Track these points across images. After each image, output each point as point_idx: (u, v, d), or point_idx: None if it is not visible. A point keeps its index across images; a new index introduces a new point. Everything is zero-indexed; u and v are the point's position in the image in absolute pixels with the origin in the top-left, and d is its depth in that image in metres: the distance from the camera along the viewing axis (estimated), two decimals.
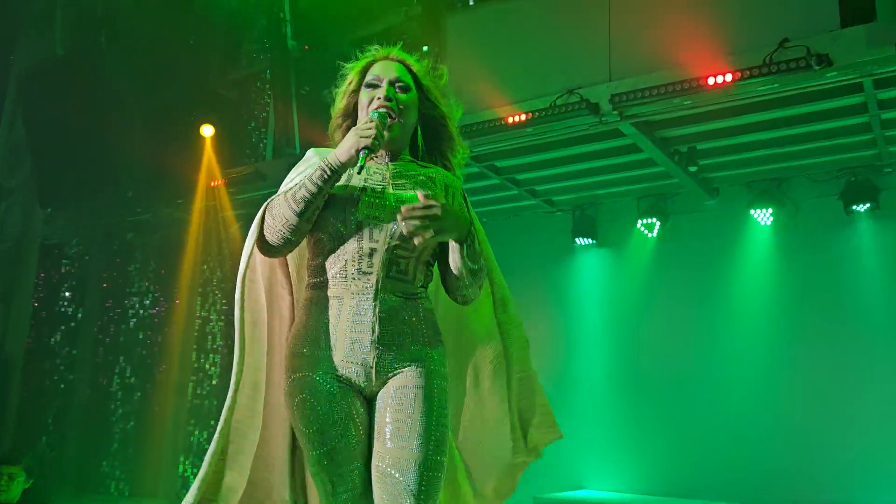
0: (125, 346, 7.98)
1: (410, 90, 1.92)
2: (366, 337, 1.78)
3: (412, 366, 1.80)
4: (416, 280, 1.85)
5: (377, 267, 1.79)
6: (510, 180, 6.08)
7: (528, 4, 5.28)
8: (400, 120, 1.89)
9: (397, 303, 1.81)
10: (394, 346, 1.80)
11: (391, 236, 1.79)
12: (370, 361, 1.78)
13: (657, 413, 5.96)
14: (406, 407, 1.76)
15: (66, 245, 8.24)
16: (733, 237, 5.97)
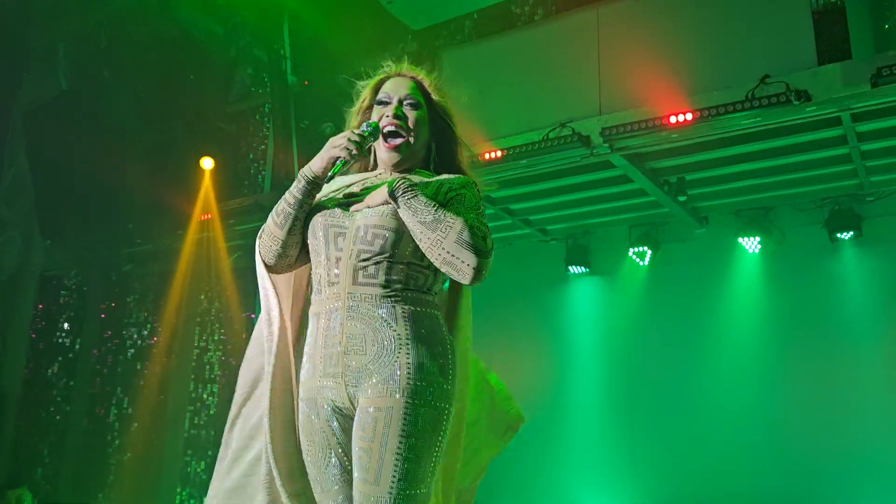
0: (123, 376, 8.01)
1: (421, 107, 1.89)
2: (335, 350, 1.70)
3: (381, 381, 1.64)
4: (390, 282, 1.70)
5: (343, 275, 1.72)
6: (505, 210, 6.24)
7: (521, 42, 5.50)
8: (409, 138, 1.86)
9: (367, 309, 1.69)
10: (362, 358, 1.67)
11: (354, 241, 1.72)
12: (340, 376, 1.69)
13: (650, 435, 6.05)
14: (368, 432, 1.62)
15: (65, 276, 8.31)
16: (722, 264, 6.13)
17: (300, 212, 1.79)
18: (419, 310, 1.71)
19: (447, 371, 1.70)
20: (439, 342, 1.71)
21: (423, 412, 1.62)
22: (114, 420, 7.80)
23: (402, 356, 1.65)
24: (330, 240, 1.75)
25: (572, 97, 5.12)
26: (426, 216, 1.64)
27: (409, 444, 1.59)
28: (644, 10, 5.15)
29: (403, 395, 1.62)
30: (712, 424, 5.79)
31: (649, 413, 6.12)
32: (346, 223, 1.75)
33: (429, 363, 1.66)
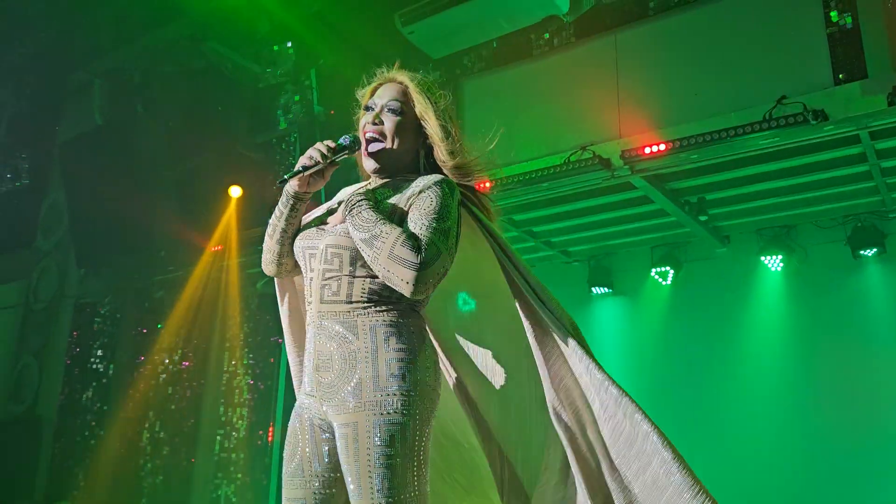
0: (154, 400, 8.14)
1: (402, 113, 1.86)
2: (310, 368, 1.77)
3: (345, 397, 1.68)
4: (352, 297, 1.73)
5: (314, 295, 1.77)
6: (527, 233, 6.32)
7: (540, 69, 5.63)
8: (387, 144, 1.85)
9: (331, 326, 1.73)
10: (329, 374, 1.72)
11: (321, 261, 1.77)
12: (315, 392, 1.76)
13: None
14: (343, 451, 1.66)
15: (98, 303, 8.50)
16: (745, 283, 6.15)
17: (285, 224, 1.86)
18: (381, 320, 1.71)
19: (412, 377, 1.67)
20: (403, 349, 1.69)
21: (387, 422, 1.62)
22: (146, 444, 7.92)
23: (360, 370, 1.67)
24: (306, 261, 1.82)
25: (592, 121, 5.22)
26: (364, 233, 1.65)
27: (378, 455, 1.60)
28: (661, 35, 5.26)
29: (364, 409, 1.63)
30: (739, 443, 5.77)
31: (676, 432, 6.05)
32: (318, 244, 1.79)
33: (387, 373, 1.65)
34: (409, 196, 1.77)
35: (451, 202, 1.76)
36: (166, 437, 7.95)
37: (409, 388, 1.66)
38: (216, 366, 7.89)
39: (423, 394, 1.68)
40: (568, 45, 5.64)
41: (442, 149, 1.87)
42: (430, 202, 1.72)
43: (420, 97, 1.87)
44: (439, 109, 1.88)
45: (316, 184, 1.87)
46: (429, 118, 1.86)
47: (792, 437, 5.63)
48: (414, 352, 1.71)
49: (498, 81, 5.89)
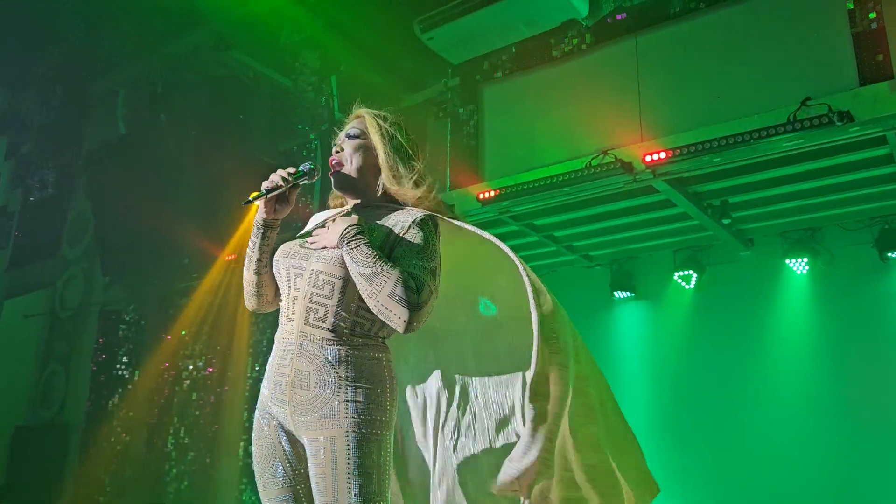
0: (179, 406, 8.22)
1: (358, 137, 2.02)
2: (285, 380, 1.85)
3: (324, 416, 1.78)
4: (336, 327, 1.83)
5: (298, 314, 1.86)
6: (548, 237, 6.31)
7: (560, 73, 5.62)
8: (347, 165, 2.01)
9: (314, 350, 1.83)
10: (306, 392, 1.81)
11: (308, 283, 1.86)
12: (287, 404, 1.84)
13: (702, 459, 5.98)
14: (320, 459, 1.77)
15: (123, 310, 8.61)
16: (770, 287, 6.08)
17: (259, 253, 1.98)
18: (361, 354, 1.84)
19: (383, 406, 1.83)
20: (378, 383, 1.83)
21: (364, 438, 1.77)
22: (171, 449, 8.00)
23: (341, 394, 1.79)
24: (291, 279, 1.90)
25: (614, 125, 5.20)
26: (365, 268, 1.76)
27: (357, 464, 1.74)
28: (682, 37, 5.22)
29: (344, 427, 1.77)
30: (765, 447, 5.71)
31: (700, 437, 6.06)
32: (304, 264, 1.89)
33: (365, 401, 1.79)
34: (393, 229, 1.90)
35: (436, 241, 1.90)
36: (191, 442, 8.02)
37: (381, 414, 1.81)
38: (239, 371, 7.95)
39: (390, 421, 1.84)
40: (588, 48, 5.62)
41: (385, 173, 2.01)
42: (418, 241, 1.86)
43: (374, 124, 2.03)
44: (389, 138, 2.02)
45: (282, 210, 1.99)
46: (377, 143, 2.01)
47: (818, 443, 5.55)
48: (383, 383, 1.85)
49: (518, 86, 5.89)
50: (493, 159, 5.90)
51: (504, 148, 5.86)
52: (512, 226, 5.90)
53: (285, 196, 1.98)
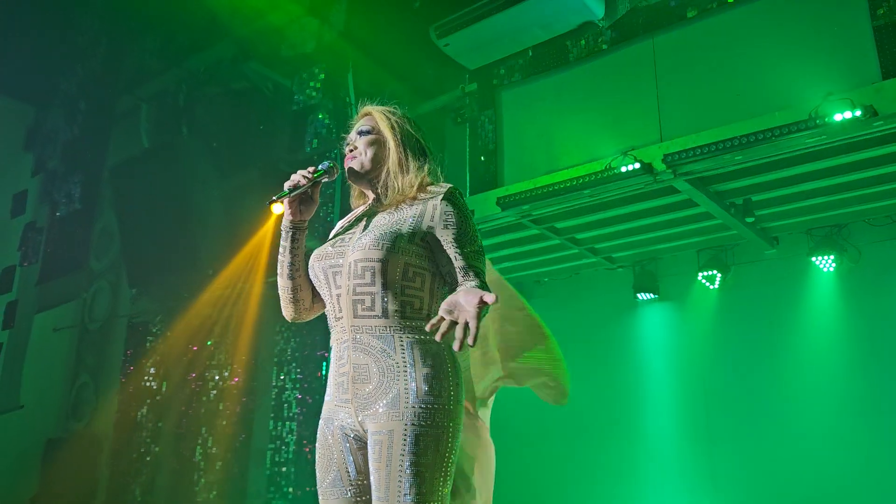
0: (206, 416, 8.29)
1: (368, 132, 2.02)
2: (345, 379, 1.84)
3: (385, 407, 1.76)
4: (387, 312, 1.81)
5: (345, 310, 1.85)
6: (570, 240, 6.28)
7: (578, 75, 5.61)
8: (361, 158, 1.99)
9: (368, 340, 1.82)
10: (367, 386, 1.80)
11: (349, 276, 1.84)
12: (350, 402, 1.82)
13: (731, 462, 5.92)
14: (376, 455, 1.74)
15: (150, 322, 8.71)
16: (796, 285, 6.00)
17: (291, 257, 1.97)
18: (415, 337, 1.81)
19: (446, 392, 1.77)
20: (438, 366, 1.79)
21: (423, 433, 1.72)
22: (200, 459, 8.08)
23: (401, 383, 1.76)
24: (330, 279, 1.89)
25: (632, 125, 5.18)
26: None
27: (412, 462, 1.69)
28: (700, 36, 5.19)
29: (403, 419, 1.72)
30: (794, 449, 5.63)
31: (729, 439, 5.99)
32: (341, 261, 1.88)
33: (427, 388, 1.75)
34: (423, 216, 1.87)
35: (467, 211, 1.90)
36: (219, 452, 8.09)
37: (446, 403, 1.76)
38: (265, 381, 8.01)
39: (457, 410, 1.79)
40: (604, 50, 5.60)
41: (394, 165, 1.99)
42: (454, 226, 1.85)
43: (383, 118, 2.03)
44: (399, 129, 2.02)
45: (308, 210, 1.99)
46: (388, 136, 2.01)
47: (848, 444, 5.45)
48: (446, 367, 1.80)
49: (535, 90, 5.89)
50: (513, 163, 5.90)
51: (523, 151, 5.86)
52: (533, 229, 5.89)
53: (308, 195, 1.99)
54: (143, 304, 8.73)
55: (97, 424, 8.70)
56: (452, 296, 1.62)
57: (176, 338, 8.77)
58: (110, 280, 8.96)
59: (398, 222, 1.86)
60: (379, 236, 1.83)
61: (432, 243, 1.86)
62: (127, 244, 8.35)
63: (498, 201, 5.42)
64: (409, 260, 1.83)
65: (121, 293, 8.89)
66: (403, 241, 1.83)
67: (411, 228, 1.85)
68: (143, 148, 8.44)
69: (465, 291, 1.62)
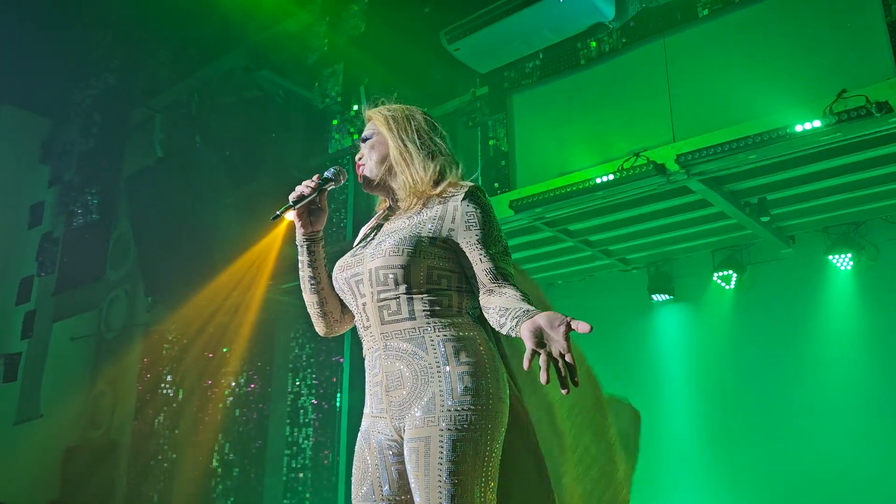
0: (223, 423, 8.34)
1: (372, 136, 1.97)
2: (379, 388, 1.79)
3: (420, 413, 1.69)
4: (413, 314, 1.75)
5: (372, 318, 1.80)
6: (583, 242, 6.26)
7: (589, 77, 5.60)
8: (368, 165, 1.94)
9: (398, 345, 1.76)
10: (401, 392, 1.74)
11: (371, 283, 1.79)
12: (386, 412, 1.77)
13: (750, 463, 5.86)
14: (413, 463, 1.67)
15: (166, 330, 8.77)
16: (813, 284, 5.95)
17: (311, 271, 1.93)
18: (447, 334, 1.73)
19: (485, 390, 1.68)
20: (473, 363, 1.70)
21: (460, 437, 1.64)
22: (217, 466, 8.11)
23: (433, 385, 1.69)
24: (354, 288, 1.84)
25: (644, 126, 5.16)
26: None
27: (449, 470, 1.61)
28: (711, 35, 5.17)
29: (438, 424, 1.65)
30: (814, 449, 5.56)
31: (747, 440, 5.94)
32: (361, 269, 1.83)
33: (463, 387, 1.67)
34: (442, 216, 1.81)
35: (490, 211, 1.83)
36: (236, 458, 8.12)
37: (482, 403, 1.67)
38: (280, 387, 8.03)
39: (495, 408, 1.69)
40: (615, 51, 5.59)
41: (396, 159, 1.92)
42: (476, 227, 1.78)
43: (380, 117, 1.97)
44: (394, 122, 1.95)
45: (318, 220, 1.94)
46: (386, 134, 1.95)
47: (869, 443, 5.39)
48: (483, 364, 1.72)
49: (546, 92, 5.88)
50: (525, 166, 5.89)
51: (535, 154, 5.85)
52: (546, 232, 5.88)
53: (317, 204, 1.94)
54: (159, 313, 8.79)
55: (115, 432, 8.77)
56: (534, 321, 1.52)
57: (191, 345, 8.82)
58: (126, 289, 9.03)
59: (418, 225, 1.81)
60: (399, 241, 1.78)
61: (454, 246, 1.79)
62: (142, 253, 8.41)
63: (511, 204, 5.41)
64: (432, 263, 1.77)
65: (137, 302, 8.95)
66: (424, 244, 1.77)
67: (432, 231, 1.79)
68: (157, 158, 8.50)
69: (546, 316, 1.53)
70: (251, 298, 7.98)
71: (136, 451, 8.54)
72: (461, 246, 1.78)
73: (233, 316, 8.43)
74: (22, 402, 9.44)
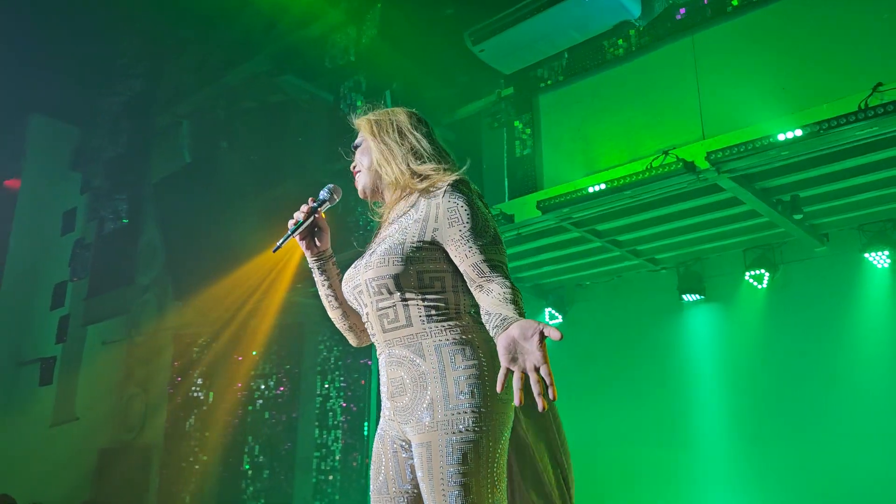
0: (252, 426, 8.41)
1: (361, 144, 2.01)
2: (385, 395, 1.85)
3: (420, 418, 1.73)
4: (411, 320, 1.79)
5: (375, 326, 1.85)
6: (612, 242, 6.19)
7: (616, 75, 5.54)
8: (361, 172, 1.99)
9: (398, 352, 1.80)
10: (403, 398, 1.78)
11: (368, 293, 1.83)
12: (393, 417, 1.82)
13: (783, 466, 5.74)
14: (419, 468, 1.73)
15: (196, 333, 8.86)
16: (848, 283, 5.80)
17: (328, 290, 2.00)
18: (445, 339, 1.75)
19: (481, 392, 1.69)
20: (471, 366, 1.71)
21: (460, 440, 1.66)
22: (247, 468, 8.18)
23: (430, 391, 1.72)
24: (357, 299, 1.89)
25: (673, 124, 5.09)
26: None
27: (454, 472, 1.65)
28: (741, 30, 5.08)
29: (438, 429, 1.68)
30: (847, 451, 5.43)
31: (779, 442, 5.83)
32: (360, 280, 1.86)
33: (459, 391, 1.69)
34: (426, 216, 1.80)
35: (475, 200, 1.80)
36: (265, 460, 8.19)
37: (480, 404, 1.69)
38: (309, 390, 8.08)
39: (496, 408, 1.70)
40: (642, 49, 5.52)
41: (375, 155, 1.95)
42: (460, 220, 1.76)
43: (365, 123, 2.00)
44: (377, 126, 1.97)
45: (322, 240, 2.00)
46: (369, 138, 1.98)
47: None
48: (482, 366, 1.73)
49: (573, 92, 5.84)
50: (551, 166, 5.85)
51: (562, 154, 5.81)
52: (573, 232, 5.83)
53: (316, 225, 1.99)
54: (189, 316, 8.89)
55: (147, 434, 8.88)
56: (507, 335, 1.51)
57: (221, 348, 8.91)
58: (156, 293, 9.15)
59: (403, 231, 1.82)
60: (386, 250, 1.80)
61: (442, 244, 1.78)
62: (171, 257, 8.51)
63: (538, 205, 5.37)
64: (422, 267, 1.77)
65: (167, 306, 9.06)
66: (411, 249, 1.77)
67: (416, 235, 1.79)
68: (184, 163, 8.60)
69: (519, 326, 1.51)
70: (278, 302, 8.03)
71: (168, 452, 8.64)
72: (448, 244, 1.77)
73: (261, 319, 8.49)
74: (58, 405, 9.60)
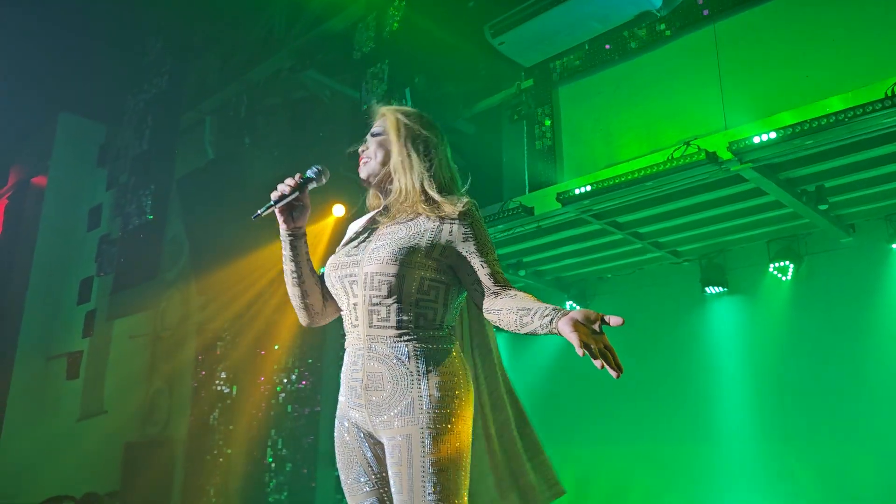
0: (276, 419, 8.47)
1: (380, 134, 2.05)
2: (358, 385, 1.89)
3: (400, 414, 1.81)
4: (401, 324, 1.86)
5: (361, 319, 1.89)
6: (633, 234, 6.15)
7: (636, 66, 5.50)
8: (371, 160, 2.03)
9: (383, 350, 1.86)
10: (381, 393, 1.84)
11: (365, 287, 1.88)
12: (364, 407, 1.87)
13: (808, 459, 5.67)
14: (396, 458, 1.79)
15: (220, 328, 8.95)
16: (875, 274, 5.72)
17: (294, 265, 2.00)
18: (430, 346, 1.86)
19: (458, 399, 1.84)
20: (450, 374, 1.85)
21: (439, 432, 1.78)
22: (270, 461, 8.25)
23: (415, 390, 1.81)
24: (347, 287, 1.92)
25: (695, 114, 5.04)
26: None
27: (433, 461, 1.76)
28: (763, 19, 5.02)
29: (419, 423, 1.79)
30: (874, 447, 5.35)
31: (805, 437, 5.76)
32: (356, 270, 1.91)
33: (439, 395, 1.81)
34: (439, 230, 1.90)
35: (483, 224, 1.95)
36: (289, 454, 8.25)
37: (457, 407, 1.83)
38: (331, 383, 8.11)
39: (467, 412, 1.86)
40: (663, 38, 5.48)
41: (396, 165, 1.99)
42: (474, 239, 1.89)
43: (392, 117, 2.04)
44: (406, 131, 2.01)
45: (301, 216, 2.02)
46: (393, 138, 2.01)
47: None
48: (457, 374, 1.87)
49: (593, 83, 5.81)
50: (572, 158, 5.83)
51: (582, 146, 5.78)
52: (594, 224, 5.80)
53: (300, 202, 2.00)
54: (212, 311, 8.98)
55: (172, 428, 9.00)
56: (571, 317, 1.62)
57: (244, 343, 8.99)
58: (180, 288, 9.26)
59: (415, 237, 1.89)
60: (396, 251, 1.86)
61: (451, 257, 1.90)
62: (195, 253, 8.61)
63: (558, 197, 5.35)
64: (425, 274, 1.87)
65: (191, 301, 9.17)
66: (420, 255, 1.86)
67: (429, 244, 1.88)
68: (208, 159, 8.69)
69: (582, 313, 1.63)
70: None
71: (193, 446, 8.74)
72: (460, 256, 1.89)
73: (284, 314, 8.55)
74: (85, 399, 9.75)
